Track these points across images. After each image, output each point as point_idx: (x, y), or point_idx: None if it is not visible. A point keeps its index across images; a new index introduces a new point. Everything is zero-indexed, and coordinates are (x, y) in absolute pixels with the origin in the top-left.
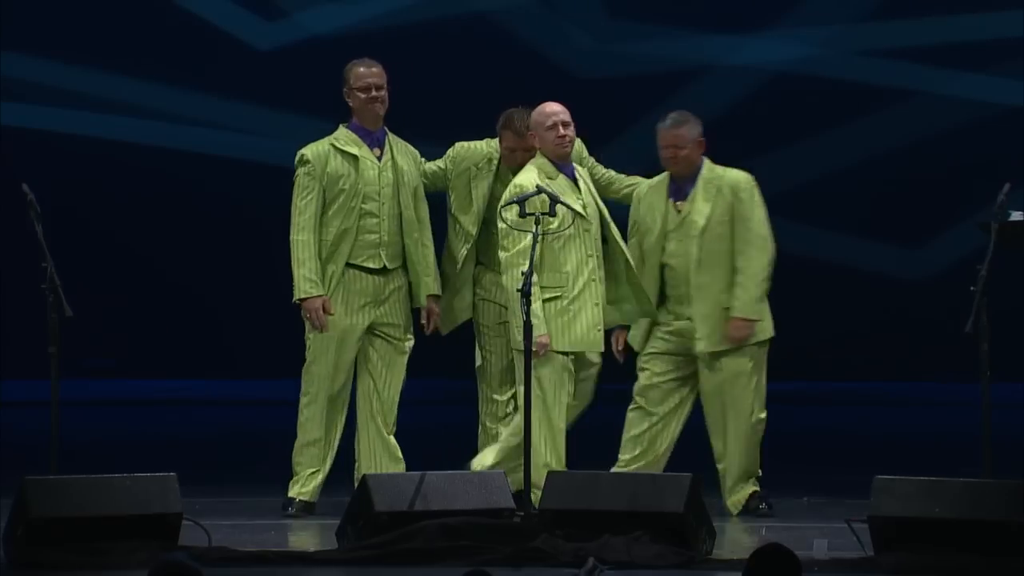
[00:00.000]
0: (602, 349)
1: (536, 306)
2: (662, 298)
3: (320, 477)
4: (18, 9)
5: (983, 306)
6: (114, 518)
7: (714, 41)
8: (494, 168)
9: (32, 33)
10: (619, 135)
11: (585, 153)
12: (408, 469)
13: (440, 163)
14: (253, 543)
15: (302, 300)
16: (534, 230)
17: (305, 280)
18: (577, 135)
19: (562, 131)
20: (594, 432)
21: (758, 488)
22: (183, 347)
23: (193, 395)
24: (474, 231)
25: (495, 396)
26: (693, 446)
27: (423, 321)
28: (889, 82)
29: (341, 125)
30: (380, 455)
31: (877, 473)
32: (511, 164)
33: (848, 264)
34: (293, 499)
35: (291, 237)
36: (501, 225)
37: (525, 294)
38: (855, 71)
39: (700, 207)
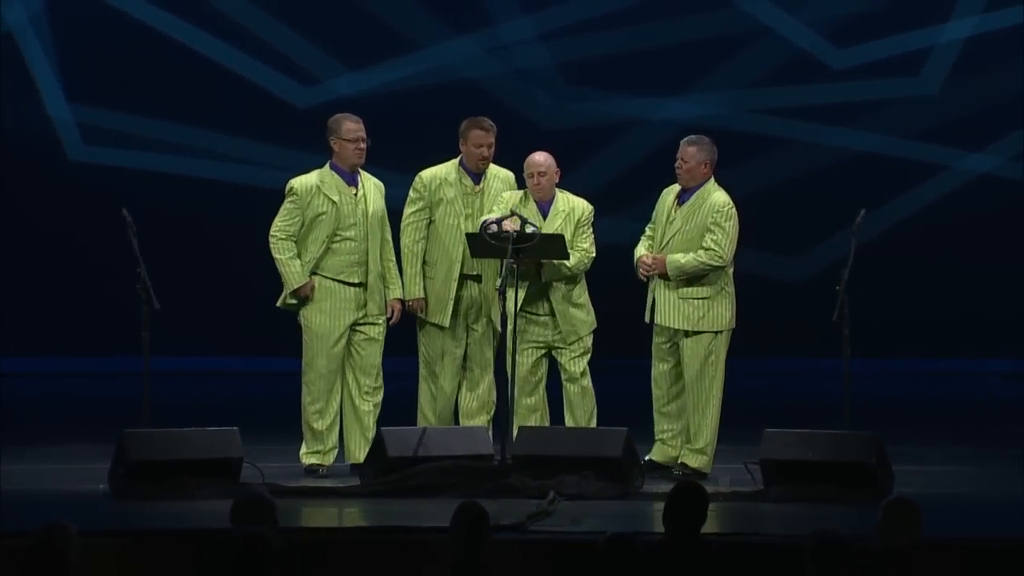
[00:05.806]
0: None
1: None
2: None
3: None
4: (114, 75)
5: (845, 300)
6: (191, 461)
7: (642, 102)
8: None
9: (122, 93)
10: (570, 173)
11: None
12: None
13: (415, 202)
14: (295, 481)
15: (296, 289)
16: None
17: (293, 275)
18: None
19: (536, 180)
20: None
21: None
22: (236, 330)
23: (246, 369)
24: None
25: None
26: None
27: (387, 315)
28: (773, 133)
29: (328, 164)
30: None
31: (767, 427)
32: (474, 163)
33: (746, 270)
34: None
35: (276, 256)
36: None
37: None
38: (747, 124)
39: (687, 215)
